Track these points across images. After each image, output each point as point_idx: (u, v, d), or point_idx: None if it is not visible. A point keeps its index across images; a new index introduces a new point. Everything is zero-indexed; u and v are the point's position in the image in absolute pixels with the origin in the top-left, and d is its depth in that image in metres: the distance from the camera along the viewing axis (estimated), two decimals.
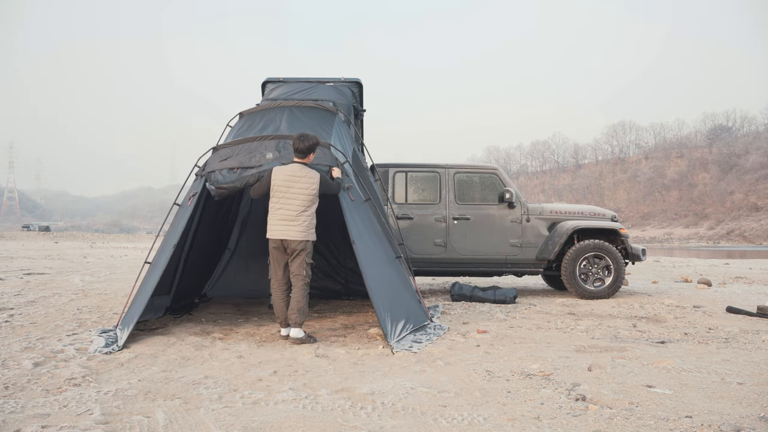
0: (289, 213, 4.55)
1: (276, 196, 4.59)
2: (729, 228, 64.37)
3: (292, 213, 4.55)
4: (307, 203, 4.56)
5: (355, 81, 7.05)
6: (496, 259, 7.69)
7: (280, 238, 4.55)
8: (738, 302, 6.83)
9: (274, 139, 4.93)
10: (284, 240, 4.55)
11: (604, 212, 8.04)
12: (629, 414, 2.75)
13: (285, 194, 4.56)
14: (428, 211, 7.74)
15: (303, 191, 4.55)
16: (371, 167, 6.81)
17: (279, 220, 4.57)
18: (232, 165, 4.85)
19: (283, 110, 5.58)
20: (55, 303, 6.34)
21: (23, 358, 3.76)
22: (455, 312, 6.21)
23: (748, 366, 3.76)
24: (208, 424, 2.62)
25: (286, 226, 4.55)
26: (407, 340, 4.46)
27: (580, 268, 7.47)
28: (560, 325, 5.47)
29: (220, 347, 4.31)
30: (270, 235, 4.61)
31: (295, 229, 4.54)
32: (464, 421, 2.67)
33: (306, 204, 4.56)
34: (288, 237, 4.54)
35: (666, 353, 4.17)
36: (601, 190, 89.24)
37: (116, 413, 2.75)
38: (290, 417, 2.71)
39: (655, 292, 8.07)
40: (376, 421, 2.67)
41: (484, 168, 8.04)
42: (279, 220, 4.57)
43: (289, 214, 4.55)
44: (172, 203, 5.33)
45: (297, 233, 4.54)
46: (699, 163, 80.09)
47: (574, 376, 3.49)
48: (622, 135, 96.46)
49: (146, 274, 4.94)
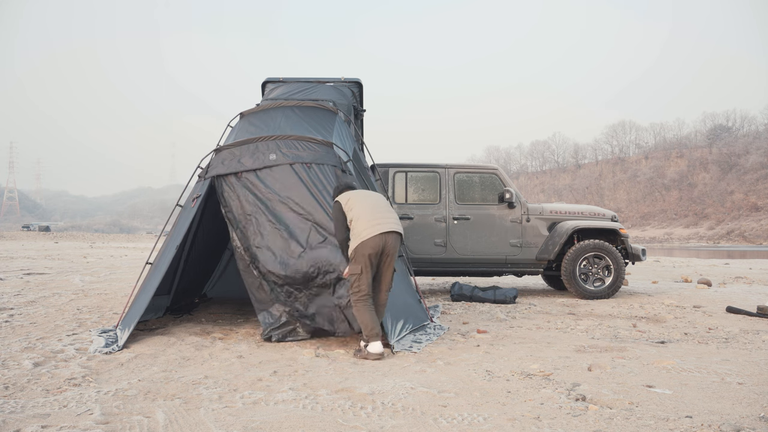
0: (385, 205, 4.30)
1: (358, 203, 4.21)
2: (729, 228, 64.34)
3: (386, 205, 4.31)
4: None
5: (355, 81, 7.05)
6: (496, 259, 7.69)
7: (393, 230, 4.14)
8: (738, 302, 6.83)
9: (275, 140, 4.93)
10: (389, 238, 4.12)
11: (604, 212, 8.04)
12: (629, 414, 2.75)
13: (365, 197, 4.28)
14: (428, 211, 7.74)
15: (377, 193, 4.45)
16: (372, 167, 6.82)
17: (383, 213, 4.20)
18: (236, 168, 4.85)
19: (283, 110, 5.59)
20: (55, 303, 6.33)
21: (23, 358, 3.76)
22: (455, 312, 6.21)
23: (748, 366, 3.76)
24: (208, 424, 2.62)
25: (393, 220, 4.19)
26: (407, 340, 4.46)
27: (580, 268, 7.46)
28: (560, 325, 5.47)
29: (220, 347, 4.31)
30: (380, 229, 4.08)
31: (398, 223, 4.24)
32: (464, 421, 2.67)
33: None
34: (398, 229, 4.18)
35: (666, 353, 4.17)
36: (601, 190, 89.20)
37: (116, 413, 2.75)
38: (290, 417, 2.71)
39: (655, 292, 8.07)
40: (376, 421, 2.67)
41: (484, 168, 8.04)
42: (383, 213, 4.20)
43: (386, 206, 4.30)
44: (174, 204, 5.33)
45: (400, 227, 4.24)
46: (699, 163, 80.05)
47: (574, 376, 3.49)
48: (622, 135, 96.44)
49: (148, 275, 4.94)
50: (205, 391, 3.14)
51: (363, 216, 4.13)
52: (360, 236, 4.07)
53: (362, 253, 4.06)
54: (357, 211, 4.16)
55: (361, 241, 4.05)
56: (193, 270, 6.17)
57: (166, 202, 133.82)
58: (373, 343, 4.03)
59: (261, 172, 4.84)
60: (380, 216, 4.17)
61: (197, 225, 5.62)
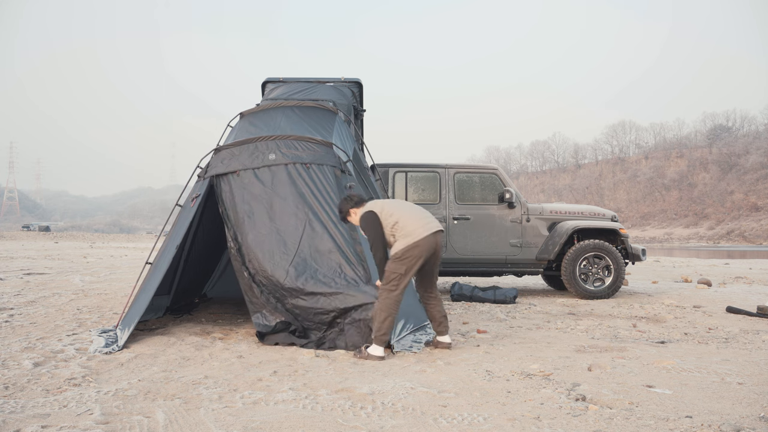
0: (424, 210, 4.26)
1: (396, 207, 4.17)
2: (729, 228, 64.34)
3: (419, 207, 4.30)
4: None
5: (355, 81, 7.05)
6: (496, 259, 7.69)
7: (441, 230, 4.14)
8: (738, 302, 6.83)
9: (275, 140, 4.92)
10: (438, 238, 4.10)
11: (604, 212, 8.04)
12: (629, 414, 2.75)
13: (398, 201, 4.29)
14: (428, 211, 7.74)
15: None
16: (372, 167, 6.82)
17: (426, 213, 4.19)
18: (235, 167, 4.85)
19: (283, 110, 5.59)
20: (55, 303, 6.33)
21: (23, 358, 3.76)
22: (455, 312, 6.21)
23: (748, 366, 3.76)
24: (208, 424, 2.62)
25: (436, 220, 4.19)
26: (407, 340, 4.46)
27: (580, 268, 7.47)
28: (560, 325, 5.47)
29: (220, 347, 4.31)
30: (432, 228, 4.06)
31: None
32: (464, 421, 2.67)
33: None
34: (442, 228, 4.17)
35: (666, 353, 4.17)
36: (601, 190, 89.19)
37: (116, 413, 2.75)
38: (290, 417, 2.71)
39: (655, 292, 8.07)
40: (376, 421, 2.67)
41: (484, 168, 8.04)
42: (426, 213, 4.19)
43: (420, 207, 4.27)
44: (174, 204, 5.33)
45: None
46: (699, 163, 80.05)
47: (574, 376, 3.49)
48: (622, 135, 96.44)
49: (148, 275, 4.93)
50: (205, 391, 3.14)
51: (410, 216, 4.08)
52: (412, 236, 4.00)
53: (413, 255, 3.98)
54: (400, 214, 4.08)
55: (415, 241, 3.98)
56: (193, 270, 6.17)
57: (166, 202, 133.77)
58: (377, 346, 3.99)
59: (259, 171, 4.83)
60: (426, 215, 4.18)
61: (197, 225, 5.62)
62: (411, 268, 4.01)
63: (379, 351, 3.97)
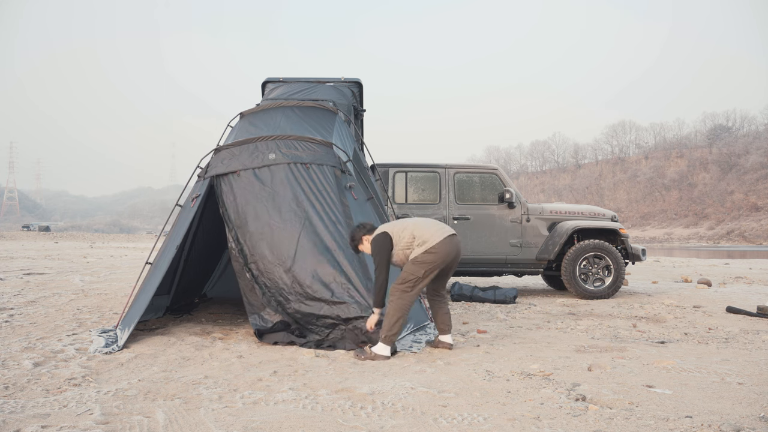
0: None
1: (408, 223, 4.19)
2: (729, 228, 64.35)
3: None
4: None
5: (355, 81, 7.05)
6: (496, 259, 7.69)
7: (455, 233, 4.20)
8: (738, 302, 6.83)
9: (275, 140, 4.92)
10: (457, 241, 4.15)
11: (604, 212, 8.05)
12: (629, 414, 2.75)
13: (410, 219, 4.28)
14: (428, 211, 7.74)
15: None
16: (372, 167, 6.82)
17: (440, 222, 4.26)
18: (235, 167, 4.84)
19: (283, 110, 5.59)
20: (55, 303, 6.33)
21: (23, 358, 3.76)
22: (455, 312, 6.21)
23: (748, 366, 3.76)
24: (208, 424, 2.62)
25: (449, 228, 4.23)
26: (407, 340, 4.46)
27: (580, 268, 7.47)
28: (560, 325, 5.47)
29: (220, 347, 4.31)
30: (448, 231, 4.13)
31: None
32: (464, 421, 2.67)
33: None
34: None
35: (666, 353, 4.17)
36: (601, 190, 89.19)
37: (116, 413, 2.75)
38: (290, 417, 2.71)
39: (655, 292, 8.07)
40: (376, 421, 2.67)
41: (484, 168, 8.04)
42: (440, 222, 4.26)
43: (436, 221, 4.28)
44: (174, 204, 5.33)
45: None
46: (699, 163, 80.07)
47: (574, 376, 3.49)
48: (622, 135, 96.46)
49: (148, 275, 4.93)
50: (205, 391, 3.14)
51: (424, 226, 4.11)
52: (430, 241, 4.01)
53: (431, 260, 3.98)
54: (413, 227, 4.10)
55: (433, 245, 3.99)
56: (193, 270, 6.17)
57: (166, 202, 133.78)
58: (384, 345, 3.98)
59: (259, 171, 4.82)
60: (439, 224, 4.21)
61: (197, 225, 5.62)
62: (430, 272, 4.01)
63: (386, 350, 3.97)
